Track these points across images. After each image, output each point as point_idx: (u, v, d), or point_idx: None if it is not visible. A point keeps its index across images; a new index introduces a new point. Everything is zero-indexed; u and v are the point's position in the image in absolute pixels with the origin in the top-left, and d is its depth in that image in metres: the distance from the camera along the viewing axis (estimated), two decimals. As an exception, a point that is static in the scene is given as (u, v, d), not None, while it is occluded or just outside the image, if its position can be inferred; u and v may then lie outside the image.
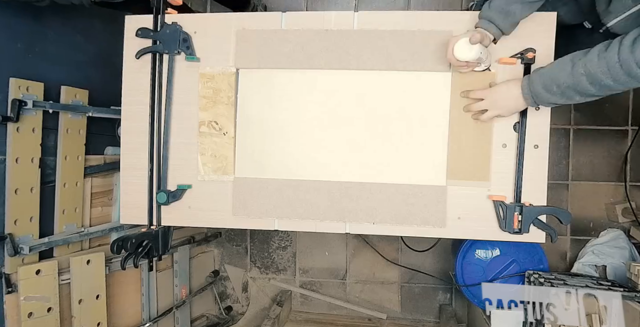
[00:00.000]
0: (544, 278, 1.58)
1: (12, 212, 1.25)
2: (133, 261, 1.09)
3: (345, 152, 1.15)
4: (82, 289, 1.40)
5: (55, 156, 1.40)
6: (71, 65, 1.51)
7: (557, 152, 2.03)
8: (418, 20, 1.11)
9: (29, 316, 1.24)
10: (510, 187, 1.09)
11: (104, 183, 1.61)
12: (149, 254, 1.14)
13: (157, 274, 1.82)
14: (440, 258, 2.13)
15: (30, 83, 1.28)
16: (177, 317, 1.92)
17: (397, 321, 2.15)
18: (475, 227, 1.11)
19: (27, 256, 1.26)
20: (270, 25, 1.15)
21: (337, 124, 1.15)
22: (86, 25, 1.58)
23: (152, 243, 1.14)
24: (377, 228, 1.14)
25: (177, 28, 1.16)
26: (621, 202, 1.97)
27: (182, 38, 1.16)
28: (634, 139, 1.96)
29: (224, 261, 2.30)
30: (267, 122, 1.17)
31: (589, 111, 2.01)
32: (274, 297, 2.23)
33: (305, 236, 2.22)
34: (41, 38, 1.39)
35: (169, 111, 1.18)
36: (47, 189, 1.38)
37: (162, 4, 1.16)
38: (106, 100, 1.54)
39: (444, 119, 1.11)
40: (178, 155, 1.19)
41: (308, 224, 1.16)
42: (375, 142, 1.13)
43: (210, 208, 1.18)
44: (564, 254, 2.04)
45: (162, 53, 1.17)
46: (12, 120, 1.22)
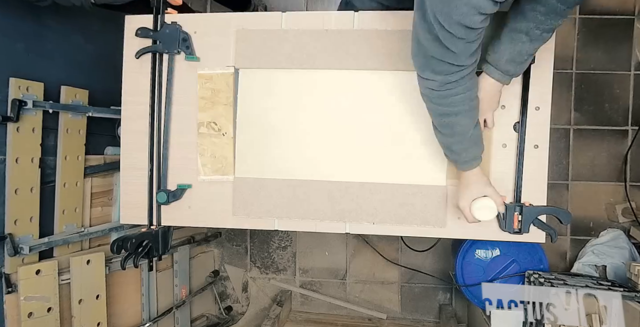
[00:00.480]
0: (544, 278, 1.58)
1: (12, 212, 1.25)
2: (133, 261, 1.09)
3: (344, 152, 1.14)
4: (82, 289, 1.40)
5: (55, 156, 1.40)
6: (71, 65, 1.51)
7: (557, 152, 2.03)
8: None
9: (29, 316, 1.24)
10: (510, 187, 1.09)
11: (104, 183, 1.61)
12: (149, 254, 1.14)
13: (157, 274, 1.82)
14: (440, 258, 2.13)
15: (30, 83, 1.28)
16: (177, 317, 1.92)
17: (397, 321, 2.15)
18: (475, 227, 1.10)
19: (27, 256, 1.26)
20: (270, 25, 1.15)
21: (336, 123, 1.15)
22: (86, 25, 1.58)
23: (152, 243, 1.14)
24: (377, 228, 1.14)
25: (176, 28, 1.16)
26: (621, 202, 1.97)
27: (181, 38, 1.16)
28: (634, 139, 1.96)
29: (224, 261, 2.30)
30: (267, 122, 1.17)
31: (589, 111, 2.02)
32: (274, 297, 2.23)
33: (305, 236, 2.22)
34: (41, 38, 1.39)
35: (169, 111, 1.18)
36: (47, 189, 1.38)
37: (162, 4, 1.16)
38: (106, 100, 1.54)
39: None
40: (178, 155, 1.19)
41: (308, 224, 1.16)
42: (375, 142, 1.13)
43: (210, 208, 1.18)
44: (564, 254, 2.04)
45: (162, 53, 1.17)
46: (12, 120, 1.22)
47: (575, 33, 2.02)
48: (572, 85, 2.02)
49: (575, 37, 2.02)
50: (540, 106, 1.08)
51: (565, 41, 2.01)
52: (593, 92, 2.01)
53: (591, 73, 2.02)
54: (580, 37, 2.02)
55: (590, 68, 2.02)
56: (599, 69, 2.01)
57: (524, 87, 1.07)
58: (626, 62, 2.00)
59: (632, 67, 2.00)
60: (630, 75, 2.00)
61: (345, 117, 1.14)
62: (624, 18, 2.00)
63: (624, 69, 2.00)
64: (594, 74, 2.02)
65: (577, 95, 2.02)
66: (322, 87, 1.15)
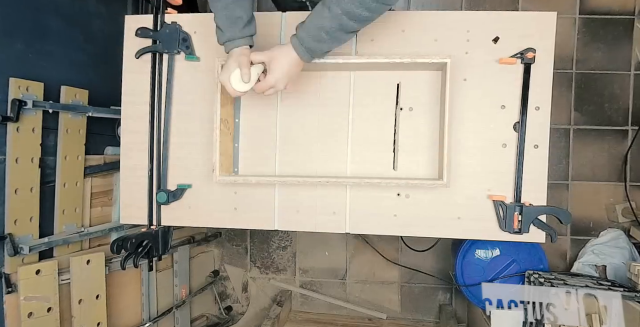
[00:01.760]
0: (544, 278, 1.58)
1: (12, 212, 1.24)
2: (133, 260, 1.09)
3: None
4: (82, 289, 1.40)
5: (55, 156, 1.40)
6: (71, 65, 1.51)
7: (557, 152, 2.03)
8: (419, 20, 1.11)
9: (28, 316, 1.24)
10: (511, 187, 1.09)
11: (104, 183, 1.61)
12: (149, 254, 1.14)
13: (157, 274, 1.82)
14: (440, 258, 2.13)
15: (30, 83, 1.28)
16: (177, 317, 1.92)
17: (397, 321, 2.15)
18: (475, 227, 1.11)
19: (27, 256, 1.26)
20: (270, 25, 1.15)
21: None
22: (86, 25, 1.58)
23: (152, 243, 1.14)
24: (377, 228, 1.14)
25: (176, 28, 1.16)
26: (621, 202, 1.97)
27: (181, 38, 1.16)
28: (634, 139, 1.96)
29: (224, 260, 2.30)
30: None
31: (589, 111, 2.02)
32: (274, 297, 2.23)
33: (305, 236, 2.22)
34: (41, 38, 1.39)
35: (169, 111, 1.18)
36: (47, 189, 1.38)
37: (162, 4, 1.16)
38: (106, 100, 1.54)
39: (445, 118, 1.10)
40: (178, 155, 1.19)
41: (308, 224, 1.16)
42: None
43: (211, 208, 1.18)
44: (564, 254, 2.04)
45: (162, 53, 1.17)
46: (12, 120, 1.21)
47: (575, 33, 2.02)
48: (572, 85, 2.02)
49: (575, 37, 2.02)
50: (540, 106, 1.08)
51: (565, 41, 2.01)
52: (593, 92, 2.01)
53: (591, 73, 2.02)
54: (580, 37, 2.02)
55: (590, 68, 2.02)
56: (599, 69, 2.01)
57: (524, 87, 1.07)
58: (626, 62, 2.00)
59: (632, 67, 2.00)
60: (630, 75, 2.00)
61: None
62: (624, 18, 2.00)
63: (624, 69, 2.00)
64: (594, 74, 2.02)
65: (577, 95, 2.02)
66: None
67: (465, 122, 1.10)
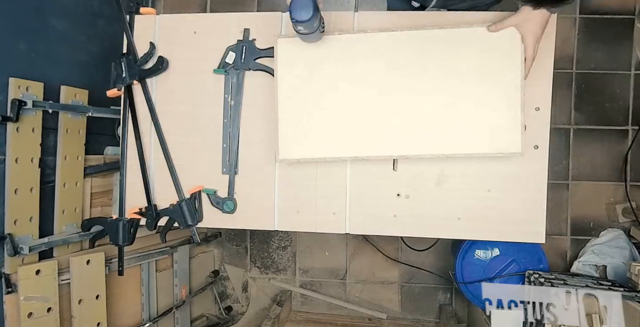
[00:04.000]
0: (544, 278, 1.58)
1: (11, 212, 1.24)
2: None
3: (391, 124, 1.06)
4: (82, 289, 1.40)
5: (55, 156, 1.40)
6: (71, 65, 1.51)
7: (557, 152, 2.03)
8: (419, 21, 1.11)
9: (28, 316, 1.24)
10: (511, 187, 1.09)
11: (103, 183, 1.61)
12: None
13: (157, 274, 1.82)
14: (439, 257, 2.13)
15: (30, 83, 1.28)
16: (177, 317, 1.92)
17: (397, 321, 2.15)
18: (475, 227, 1.11)
19: (27, 256, 1.26)
20: (270, 25, 1.15)
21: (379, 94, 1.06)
22: (87, 25, 1.58)
23: (108, 232, 1.20)
24: (377, 228, 1.14)
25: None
26: (621, 202, 1.97)
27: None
28: (634, 139, 1.96)
29: (224, 261, 2.30)
30: (310, 97, 1.07)
31: (589, 111, 2.01)
32: (274, 297, 2.23)
33: (305, 236, 2.22)
34: (42, 38, 1.38)
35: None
36: (46, 189, 1.37)
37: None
38: (106, 100, 1.53)
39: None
40: (181, 156, 1.19)
41: (308, 224, 1.16)
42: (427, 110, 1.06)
43: (211, 208, 1.18)
44: (564, 254, 2.03)
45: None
46: (11, 120, 1.21)
47: (575, 33, 2.02)
48: (572, 85, 2.02)
49: (575, 37, 2.02)
50: (540, 106, 1.08)
51: (565, 41, 2.01)
52: (593, 92, 2.01)
53: (591, 73, 2.02)
54: (580, 37, 2.02)
55: (590, 68, 2.02)
56: (599, 68, 2.01)
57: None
58: (626, 62, 2.00)
59: (632, 67, 2.00)
60: (630, 75, 2.00)
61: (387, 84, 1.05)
62: (624, 18, 2.00)
63: (624, 69, 2.00)
64: (594, 74, 2.01)
65: (577, 95, 2.02)
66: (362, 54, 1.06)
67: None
